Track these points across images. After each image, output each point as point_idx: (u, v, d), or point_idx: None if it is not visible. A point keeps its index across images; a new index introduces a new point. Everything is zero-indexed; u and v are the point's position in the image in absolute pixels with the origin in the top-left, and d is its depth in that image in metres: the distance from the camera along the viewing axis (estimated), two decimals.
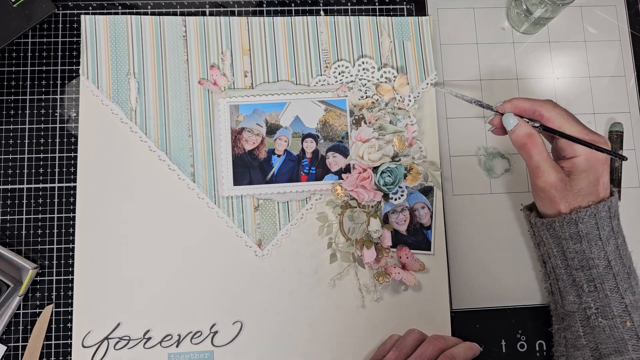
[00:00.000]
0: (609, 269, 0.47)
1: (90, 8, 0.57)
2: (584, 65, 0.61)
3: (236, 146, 0.55)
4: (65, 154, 0.55)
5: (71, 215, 0.54)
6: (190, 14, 0.58)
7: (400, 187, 0.55)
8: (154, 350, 0.52)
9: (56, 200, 0.54)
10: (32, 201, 0.54)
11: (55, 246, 0.53)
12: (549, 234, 0.49)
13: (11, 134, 0.55)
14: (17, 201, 0.54)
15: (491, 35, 0.60)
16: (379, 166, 0.54)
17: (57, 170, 0.54)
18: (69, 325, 0.52)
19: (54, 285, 0.53)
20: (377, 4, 0.60)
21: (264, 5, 0.59)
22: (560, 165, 0.47)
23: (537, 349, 0.55)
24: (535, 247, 0.53)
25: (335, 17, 0.58)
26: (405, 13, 0.60)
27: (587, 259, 0.47)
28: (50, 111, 0.55)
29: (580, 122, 0.48)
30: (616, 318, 0.46)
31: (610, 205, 0.47)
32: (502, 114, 0.49)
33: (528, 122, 0.48)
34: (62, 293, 0.53)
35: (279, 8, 0.59)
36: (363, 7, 0.59)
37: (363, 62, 0.57)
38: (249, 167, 0.55)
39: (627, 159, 0.49)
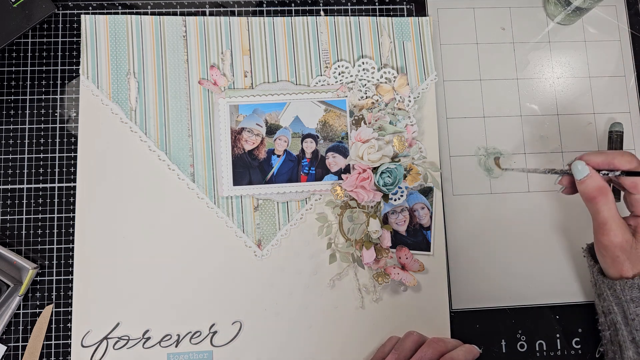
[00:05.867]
0: None
1: (90, 8, 0.57)
2: (584, 65, 0.60)
3: (236, 146, 0.55)
4: (65, 154, 0.55)
5: (71, 215, 0.54)
6: (190, 14, 0.58)
7: (399, 188, 0.55)
8: (153, 350, 0.52)
9: (56, 200, 0.54)
10: (32, 201, 0.54)
11: (55, 246, 0.53)
12: (610, 292, 0.47)
13: (11, 134, 0.55)
14: (17, 201, 0.54)
15: (491, 35, 0.60)
16: (378, 166, 0.54)
17: (57, 170, 0.54)
18: (68, 325, 0.52)
19: (54, 285, 0.53)
20: (377, 4, 0.60)
21: (264, 5, 0.59)
22: (627, 223, 0.46)
23: (537, 349, 0.55)
24: (596, 297, 0.51)
25: (335, 17, 0.58)
26: (405, 13, 0.60)
27: None
28: (50, 111, 0.55)
29: None
30: None
31: None
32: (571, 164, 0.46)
33: (607, 174, 0.45)
34: (62, 293, 0.53)
35: (279, 8, 0.59)
36: (363, 7, 0.59)
37: (363, 63, 0.57)
38: (249, 167, 0.55)
39: None
